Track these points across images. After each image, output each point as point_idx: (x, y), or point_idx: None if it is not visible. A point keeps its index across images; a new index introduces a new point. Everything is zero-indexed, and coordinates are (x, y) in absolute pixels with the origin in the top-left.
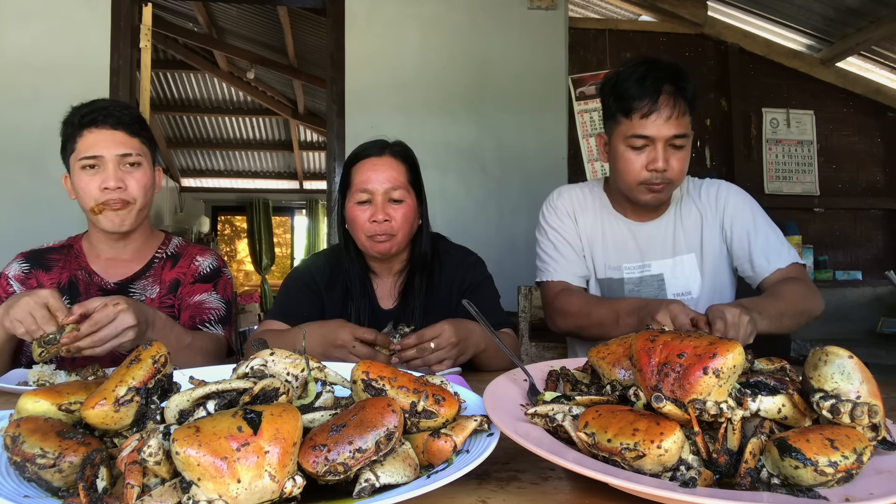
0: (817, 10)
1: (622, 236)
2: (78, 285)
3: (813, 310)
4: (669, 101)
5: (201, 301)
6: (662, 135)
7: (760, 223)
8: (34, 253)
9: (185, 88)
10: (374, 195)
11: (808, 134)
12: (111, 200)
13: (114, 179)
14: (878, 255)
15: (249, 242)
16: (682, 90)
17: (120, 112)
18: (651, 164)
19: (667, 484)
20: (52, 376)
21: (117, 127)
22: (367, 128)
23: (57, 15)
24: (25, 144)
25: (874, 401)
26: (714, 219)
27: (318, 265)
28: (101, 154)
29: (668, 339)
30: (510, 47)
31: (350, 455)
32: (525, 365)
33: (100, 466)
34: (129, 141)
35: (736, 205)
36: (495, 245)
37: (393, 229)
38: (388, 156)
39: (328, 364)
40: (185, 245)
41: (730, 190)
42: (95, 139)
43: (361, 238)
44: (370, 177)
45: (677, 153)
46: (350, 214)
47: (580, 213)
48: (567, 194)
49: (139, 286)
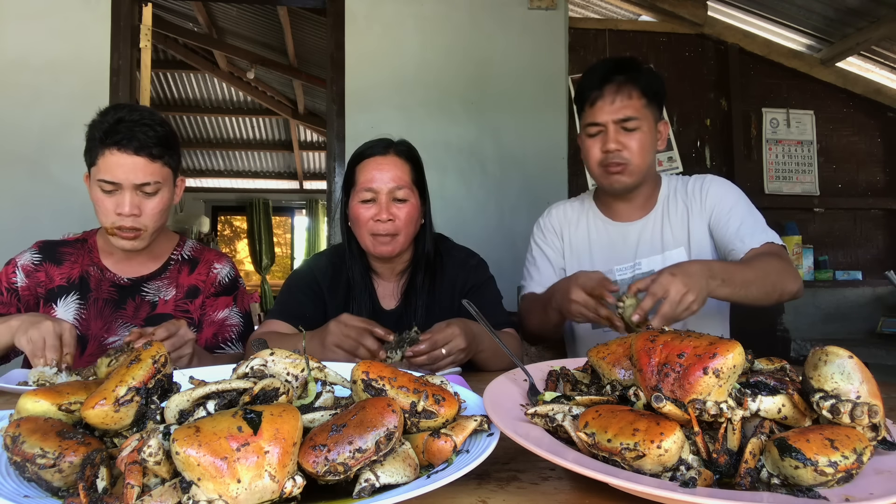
0: (817, 10)
1: (611, 239)
2: (89, 281)
3: (787, 287)
4: (614, 88)
5: (224, 318)
6: (610, 118)
7: (739, 209)
8: (49, 245)
9: (185, 88)
10: (378, 194)
11: (808, 134)
12: (123, 227)
13: (129, 206)
14: (878, 255)
15: (249, 242)
16: (632, 78)
17: (145, 134)
18: (604, 146)
19: (667, 484)
20: (53, 377)
21: (140, 152)
22: (367, 128)
23: (57, 15)
24: (25, 144)
25: (874, 401)
26: (700, 211)
27: (319, 266)
28: (120, 182)
29: (668, 339)
30: (510, 47)
31: (350, 455)
32: (525, 365)
33: (100, 466)
34: (150, 167)
35: (717, 194)
36: (495, 245)
37: (397, 228)
38: (392, 155)
39: (328, 364)
40: (200, 249)
41: (713, 181)
42: (116, 162)
43: (365, 237)
44: (374, 176)
45: (631, 135)
46: (354, 213)
47: (567, 228)
48: (556, 211)
49: (153, 286)
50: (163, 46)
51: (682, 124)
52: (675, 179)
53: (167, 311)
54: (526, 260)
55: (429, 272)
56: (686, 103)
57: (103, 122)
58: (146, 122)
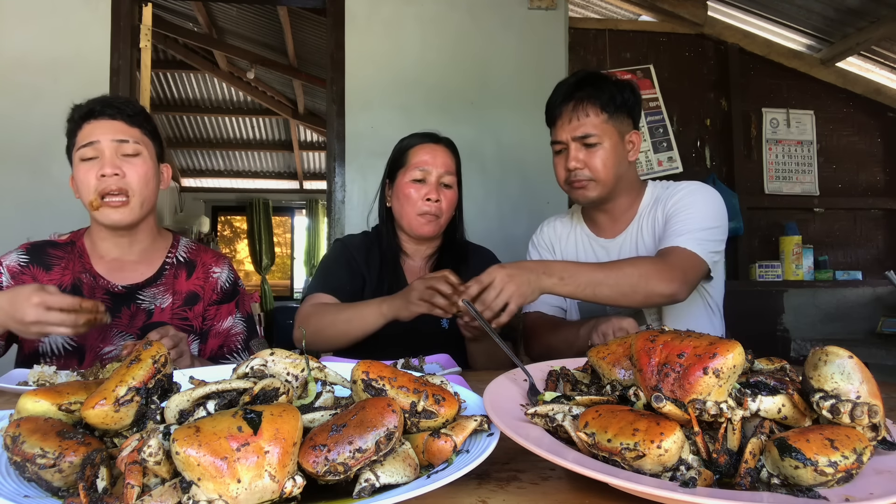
0: (817, 10)
1: (596, 255)
2: (82, 288)
3: (653, 289)
4: (571, 106)
5: (229, 328)
6: (568, 136)
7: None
8: (37, 247)
9: (185, 88)
10: (429, 175)
11: (808, 134)
12: (109, 191)
13: (110, 166)
14: (878, 255)
15: (249, 242)
16: (591, 95)
17: (120, 104)
18: (566, 164)
19: (667, 484)
20: (53, 376)
21: (116, 117)
22: (367, 128)
23: (57, 15)
24: (25, 145)
25: (874, 401)
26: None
27: (354, 243)
28: (98, 139)
29: (668, 339)
30: (510, 47)
31: (350, 455)
32: (525, 365)
33: (100, 466)
34: (128, 129)
35: (678, 199)
36: (495, 245)
37: (441, 210)
38: (443, 145)
39: (328, 364)
40: (195, 249)
41: (686, 188)
42: (93, 128)
43: (411, 215)
44: (428, 159)
45: (592, 151)
46: (403, 191)
47: (558, 244)
48: (547, 228)
49: (148, 293)
50: (163, 46)
51: (682, 124)
52: (659, 188)
53: (164, 320)
54: None
55: (456, 258)
56: (686, 103)
57: (80, 107)
58: (120, 98)
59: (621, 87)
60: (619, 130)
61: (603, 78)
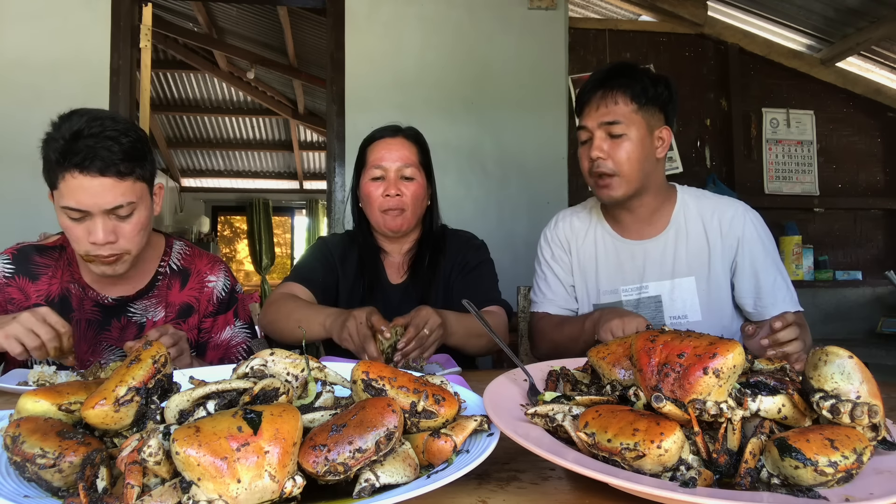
0: (817, 10)
1: (619, 257)
2: (70, 300)
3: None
4: (599, 93)
5: (228, 339)
6: (594, 123)
7: (772, 258)
8: (23, 253)
9: (185, 88)
10: (387, 172)
11: (808, 134)
12: (100, 255)
13: (102, 234)
14: (878, 255)
15: (249, 242)
16: (623, 84)
17: (109, 150)
18: (590, 153)
19: (667, 484)
20: (53, 376)
21: (106, 173)
22: (367, 128)
23: (57, 15)
24: (25, 145)
25: (874, 401)
26: (724, 248)
27: (333, 241)
28: (88, 209)
29: (668, 339)
30: (510, 47)
31: (350, 455)
32: (525, 365)
33: (100, 466)
34: (120, 187)
35: (751, 240)
36: (495, 245)
37: (404, 204)
38: (401, 137)
39: (328, 364)
40: (189, 255)
41: (745, 219)
42: (80, 187)
43: (375, 213)
44: (384, 155)
45: (618, 142)
46: (364, 191)
47: (574, 242)
48: (563, 223)
49: (140, 306)
50: (163, 46)
51: (682, 124)
52: (691, 195)
53: None
54: (535, 273)
55: (434, 249)
56: (686, 103)
57: (57, 139)
58: (108, 134)
59: (655, 80)
60: (649, 124)
61: (638, 69)
